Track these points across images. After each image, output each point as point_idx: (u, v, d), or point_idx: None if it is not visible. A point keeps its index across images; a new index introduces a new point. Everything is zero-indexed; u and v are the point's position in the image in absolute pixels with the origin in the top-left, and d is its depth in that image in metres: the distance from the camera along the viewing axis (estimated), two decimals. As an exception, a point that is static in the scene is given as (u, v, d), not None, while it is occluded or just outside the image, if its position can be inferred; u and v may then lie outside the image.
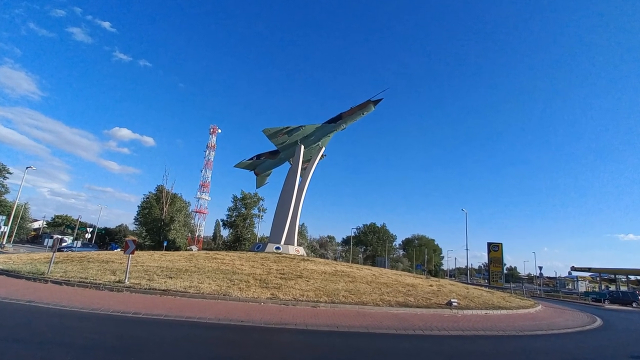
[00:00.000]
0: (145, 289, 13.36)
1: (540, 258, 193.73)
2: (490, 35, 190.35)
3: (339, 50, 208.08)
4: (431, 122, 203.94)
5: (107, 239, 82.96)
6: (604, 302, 37.57)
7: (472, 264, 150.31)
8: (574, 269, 61.41)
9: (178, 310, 10.62)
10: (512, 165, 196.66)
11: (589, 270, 59.91)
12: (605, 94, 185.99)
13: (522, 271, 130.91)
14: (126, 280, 14.19)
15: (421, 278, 26.65)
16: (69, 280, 14.24)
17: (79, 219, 79.70)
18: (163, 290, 13.24)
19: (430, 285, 21.31)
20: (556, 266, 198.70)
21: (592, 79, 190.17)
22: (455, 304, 15.53)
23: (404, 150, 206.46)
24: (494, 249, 55.30)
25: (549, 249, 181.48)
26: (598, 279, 64.36)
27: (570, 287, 76.96)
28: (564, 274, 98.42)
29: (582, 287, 67.65)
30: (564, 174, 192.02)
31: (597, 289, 54.26)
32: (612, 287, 57.46)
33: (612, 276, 62.17)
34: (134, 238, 20.57)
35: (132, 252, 15.38)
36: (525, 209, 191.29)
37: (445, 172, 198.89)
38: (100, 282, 14.05)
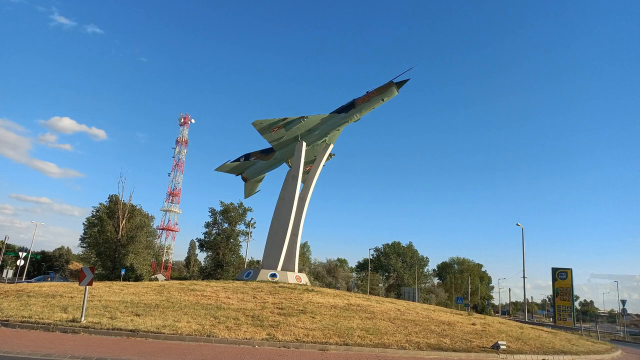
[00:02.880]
0: (107, 329, 14.12)
1: (628, 289, 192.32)
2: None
3: (348, 20, 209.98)
4: (483, 112, 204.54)
5: (43, 266, 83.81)
6: None
7: (532, 297, 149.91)
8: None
9: (151, 355, 11.38)
10: (595, 167, 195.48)
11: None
12: None
13: (601, 306, 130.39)
14: (82, 319, 14.91)
15: (461, 315, 27.20)
16: (7, 320, 14.85)
17: (6, 240, 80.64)
18: (130, 330, 14.01)
19: (473, 324, 21.91)
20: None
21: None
22: (503, 347, 16.15)
23: (438, 148, 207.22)
24: (561, 276, 55.20)
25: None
26: None
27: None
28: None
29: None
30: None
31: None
32: None
33: None
34: (90, 266, 21.50)
35: (90, 283, 16.18)
36: (608, 224, 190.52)
37: (496, 177, 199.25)
38: (49, 321, 14.77)
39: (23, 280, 54.38)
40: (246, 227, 66.44)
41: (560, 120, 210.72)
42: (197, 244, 73.37)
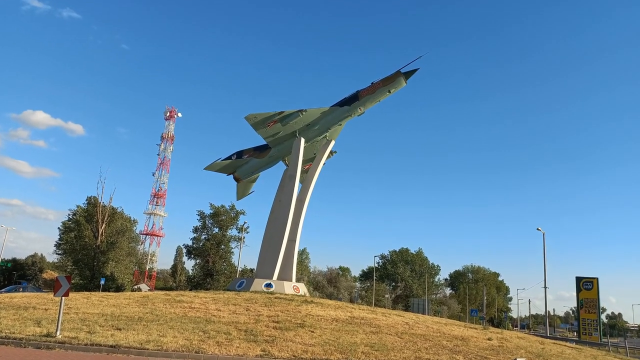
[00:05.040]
0: (85, 344, 14.14)
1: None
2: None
3: (351, 3, 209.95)
4: (499, 104, 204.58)
5: (15, 275, 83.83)
6: None
7: (554, 310, 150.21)
8: None
9: (135, 373, 11.44)
10: (623, 164, 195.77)
11: None
12: None
13: (631, 320, 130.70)
14: (58, 333, 14.94)
15: (476, 329, 27.27)
16: (-26, 336, 14.91)
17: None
18: (111, 346, 14.03)
19: (489, 339, 21.94)
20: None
21: None
22: (522, 364, 16.19)
23: (450, 144, 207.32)
24: (586, 286, 55.15)
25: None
26: None
27: None
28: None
29: None
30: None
31: None
32: None
33: None
34: (67, 275, 21.58)
35: (66, 294, 16.18)
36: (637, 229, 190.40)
37: (514, 176, 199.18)
38: (21, 336, 14.82)
39: (-8, 290, 54.35)
40: (238, 232, 66.70)
41: (584, 111, 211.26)
42: (184, 250, 73.77)
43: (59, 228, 64.14)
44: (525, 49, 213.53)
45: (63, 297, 16.08)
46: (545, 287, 56.89)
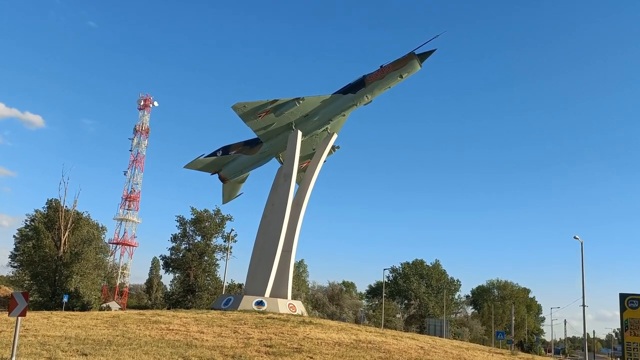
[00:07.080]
0: (45, 372, 14.19)
1: None
2: None
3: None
4: (529, 92, 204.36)
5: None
6: None
7: (594, 332, 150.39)
8: None
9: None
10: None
11: None
12: None
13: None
14: (13, 359, 15.00)
15: (502, 354, 27.32)
16: None
17: None
18: (75, 374, 14.07)
19: (518, 367, 22.00)
20: None
21: None
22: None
23: (471, 138, 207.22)
24: (631, 304, 54.86)
25: None
26: None
27: None
28: None
29: None
30: None
31: None
32: None
33: None
34: (24, 291, 21.64)
35: (23, 314, 16.18)
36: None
37: (547, 176, 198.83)
38: (-29, 362, 14.90)
39: (-64, 309, 54.43)
40: (225, 242, 66.67)
41: (631, 100, 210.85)
42: (161, 262, 73.85)
43: (14, 236, 64.37)
44: (560, 27, 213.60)
45: (19, 317, 16.06)
46: (583, 306, 56.72)
